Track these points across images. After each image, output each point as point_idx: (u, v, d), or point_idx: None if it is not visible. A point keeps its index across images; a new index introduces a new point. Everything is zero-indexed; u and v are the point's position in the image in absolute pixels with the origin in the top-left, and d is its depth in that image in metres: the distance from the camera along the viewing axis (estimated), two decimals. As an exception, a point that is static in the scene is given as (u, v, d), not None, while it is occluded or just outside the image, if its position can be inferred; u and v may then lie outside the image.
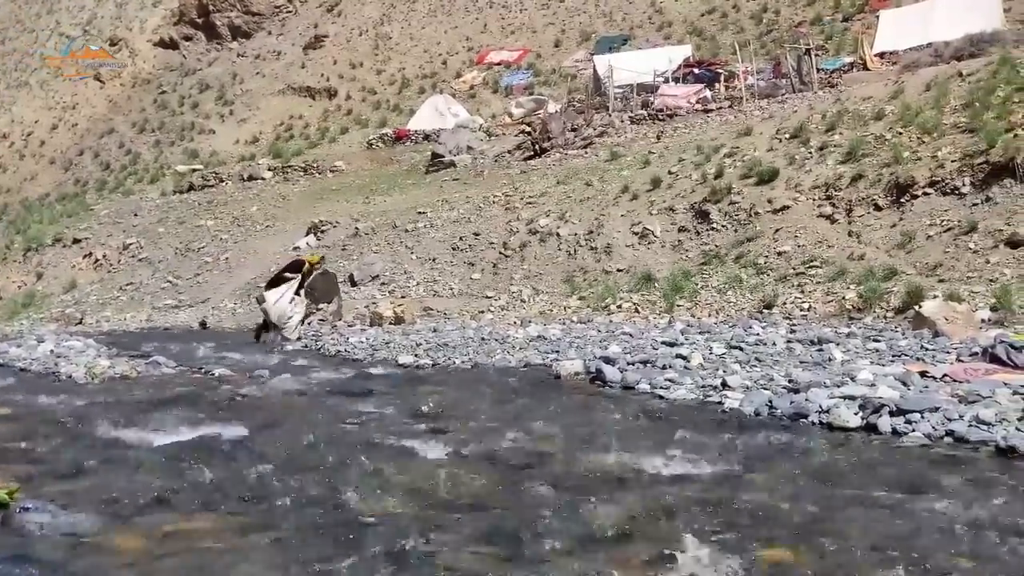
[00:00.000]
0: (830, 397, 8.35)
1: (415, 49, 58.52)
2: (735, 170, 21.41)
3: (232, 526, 5.52)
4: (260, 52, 64.93)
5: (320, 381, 11.74)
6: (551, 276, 20.94)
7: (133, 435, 7.92)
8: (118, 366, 12.88)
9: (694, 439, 7.47)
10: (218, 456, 7.15)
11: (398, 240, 25.26)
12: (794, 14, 44.80)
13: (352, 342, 16.39)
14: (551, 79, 47.70)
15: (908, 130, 19.67)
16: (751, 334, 13.19)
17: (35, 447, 7.46)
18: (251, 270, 27.44)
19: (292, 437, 7.91)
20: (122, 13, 76.49)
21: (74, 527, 5.40)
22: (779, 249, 18.13)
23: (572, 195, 24.01)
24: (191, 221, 34.20)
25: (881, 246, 17.15)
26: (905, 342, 11.89)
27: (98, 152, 58.70)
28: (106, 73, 67.85)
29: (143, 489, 6.07)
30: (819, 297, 15.92)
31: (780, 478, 6.28)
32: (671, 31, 48.29)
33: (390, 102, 51.51)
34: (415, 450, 7.45)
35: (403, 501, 5.93)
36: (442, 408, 9.17)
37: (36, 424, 8.42)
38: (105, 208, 40.53)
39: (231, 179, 39.88)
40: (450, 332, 16.57)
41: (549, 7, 58.38)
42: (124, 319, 25.37)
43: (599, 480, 6.37)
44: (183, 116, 58.71)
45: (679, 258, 19.82)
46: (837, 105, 23.43)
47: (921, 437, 7.20)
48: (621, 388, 10.27)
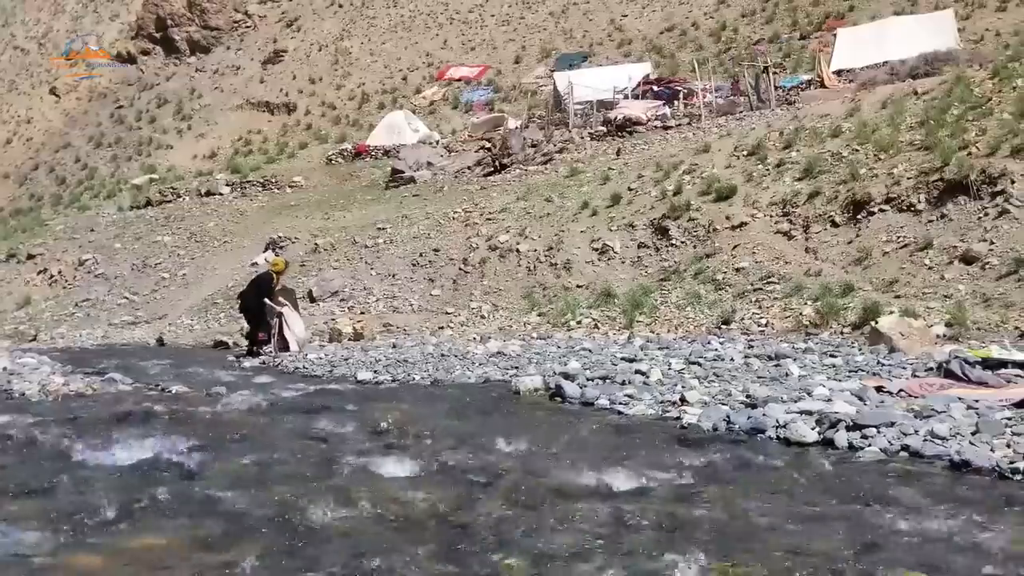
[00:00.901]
0: (787, 412, 8.38)
1: (375, 64, 58.53)
2: (694, 187, 21.54)
3: (189, 544, 5.46)
4: (219, 67, 64.68)
5: (278, 398, 11.63)
6: (511, 292, 20.95)
7: (88, 452, 7.81)
8: (73, 383, 12.69)
9: (652, 454, 7.49)
10: (175, 473, 7.09)
11: (358, 256, 25.19)
12: (752, 32, 45.29)
13: (311, 358, 16.29)
14: (511, 95, 47.87)
15: (864, 147, 19.90)
16: (709, 350, 13.25)
17: (-12, 465, 7.35)
18: (209, 286, 27.25)
19: (249, 454, 7.84)
20: (78, 27, 75.99)
21: (28, 546, 5.32)
22: (737, 265, 18.25)
23: (532, 211, 24.05)
24: (148, 237, 33.88)
25: (838, 262, 17.31)
26: (861, 357, 11.98)
27: (54, 167, 58.17)
28: (62, 85, 67.23)
29: (99, 507, 6.00)
30: (776, 313, 16.03)
31: (737, 493, 6.30)
32: (630, 48, 48.62)
33: (349, 117, 51.45)
34: (373, 467, 7.41)
35: (361, 518, 5.90)
36: (401, 424, 9.11)
37: (-11, 442, 8.29)
38: (61, 223, 40.09)
39: (189, 194, 39.56)
40: (410, 348, 16.52)
41: (510, 24, 58.64)
42: (80, 336, 25.09)
43: (558, 496, 6.36)
44: (140, 131, 58.33)
45: (638, 274, 19.89)
46: (794, 122, 23.66)
47: (877, 452, 7.24)
48: (580, 404, 10.26)
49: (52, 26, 77.47)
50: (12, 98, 69.23)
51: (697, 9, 51.11)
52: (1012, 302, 13.92)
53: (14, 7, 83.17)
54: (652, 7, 53.88)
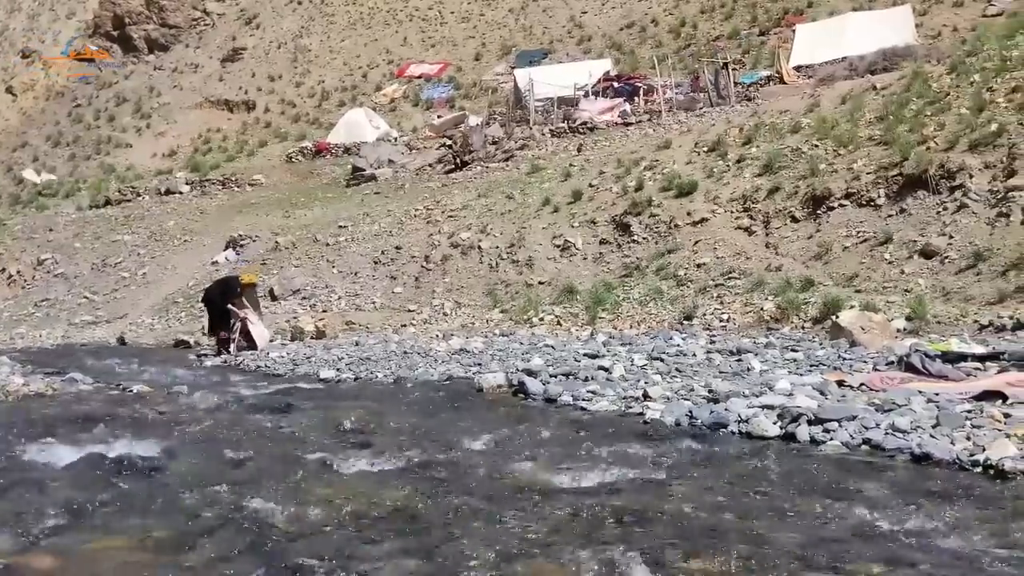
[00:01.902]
0: (749, 407, 8.42)
1: (335, 62, 58.31)
2: (655, 183, 21.60)
3: (149, 544, 5.43)
4: (177, 65, 64.23)
5: (240, 396, 11.59)
6: (473, 289, 20.93)
7: (48, 453, 7.75)
8: (33, 383, 12.58)
9: (616, 450, 7.51)
10: (135, 473, 7.04)
11: (319, 254, 25.09)
12: (712, 28, 45.46)
13: (273, 357, 16.23)
14: (472, 92, 47.85)
15: (824, 143, 20.01)
16: (672, 345, 13.30)
17: (-55, 468, 7.27)
18: (169, 285, 27.07)
19: (211, 453, 7.81)
20: (35, 25, 75.20)
21: (-13, 547, 5.28)
22: (698, 261, 18.31)
23: (493, 208, 24.04)
24: (108, 236, 33.61)
25: (798, 257, 17.41)
26: (822, 352, 12.05)
27: (11, 166, 57.52)
28: (19, 84, 66.54)
29: (57, 508, 5.96)
30: (738, 308, 16.10)
31: (700, 487, 6.33)
32: (591, 45, 48.70)
33: (309, 115, 51.25)
34: (336, 465, 7.39)
35: (324, 516, 5.88)
36: (364, 422, 9.09)
37: (-55, 444, 8.21)
38: (19, 223, 39.70)
39: (148, 193, 39.31)
40: (372, 346, 16.48)
41: (469, 21, 58.59)
42: (39, 336, 24.84)
43: (521, 492, 6.36)
44: (99, 130, 57.80)
45: (601, 270, 19.92)
46: (754, 118, 23.78)
47: (839, 445, 7.29)
48: (544, 400, 10.26)
49: (8, 24, 76.59)
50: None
51: (656, 6, 51.23)
52: (971, 296, 14.05)
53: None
54: (611, 4, 53.98)
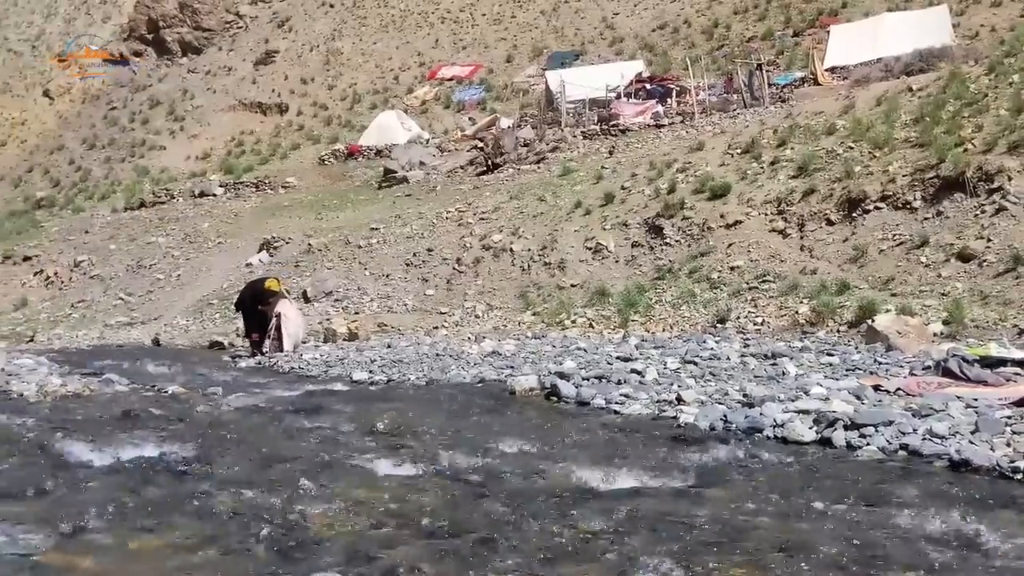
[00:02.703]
0: (784, 411, 8.37)
1: (366, 64, 58.47)
2: (687, 185, 21.52)
3: (186, 544, 5.45)
4: (211, 68, 64.61)
5: (274, 398, 11.62)
6: (505, 291, 20.92)
7: (86, 453, 7.79)
8: (70, 384, 12.66)
9: (650, 454, 7.47)
10: (171, 474, 7.07)
11: (351, 256, 25.15)
12: (745, 29, 45.26)
13: (306, 359, 16.27)
14: (503, 94, 47.85)
15: (859, 145, 19.87)
16: (705, 349, 13.21)
17: (-15, 467, 7.33)
18: (203, 287, 27.21)
19: (245, 454, 7.82)
20: (71, 29, 75.89)
21: (27, 546, 5.30)
22: (732, 264, 18.22)
23: (525, 210, 24.02)
24: (142, 238, 33.86)
25: (833, 260, 17.29)
26: (858, 356, 11.95)
27: (48, 169, 58.07)
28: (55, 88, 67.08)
29: (96, 507, 5.98)
30: (772, 311, 16.00)
31: (736, 493, 6.28)
32: (623, 47, 48.58)
33: (342, 118, 51.40)
34: (369, 467, 7.39)
35: (357, 518, 5.87)
36: (397, 425, 9.09)
37: (-14, 443, 8.27)
38: (56, 225, 40.08)
39: (182, 195, 39.58)
40: (404, 348, 16.48)
41: (501, 23, 58.61)
42: (76, 336, 25.03)
43: (555, 496, 6.33)
44: (133, 132, 58.22)
45: (633, 273, 19.87)
46: (788, 120, 23.65)
47: (875, 451, 7.22)
48: (576, 404, 10.23)
49: (45, 28, 77.30)
50: (6, 100, 69.08)
51: (689, 7, 51.07)
52: (1010, 299, 13.90)
53: (6, 9, 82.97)
54: (644, 5, 53.85)
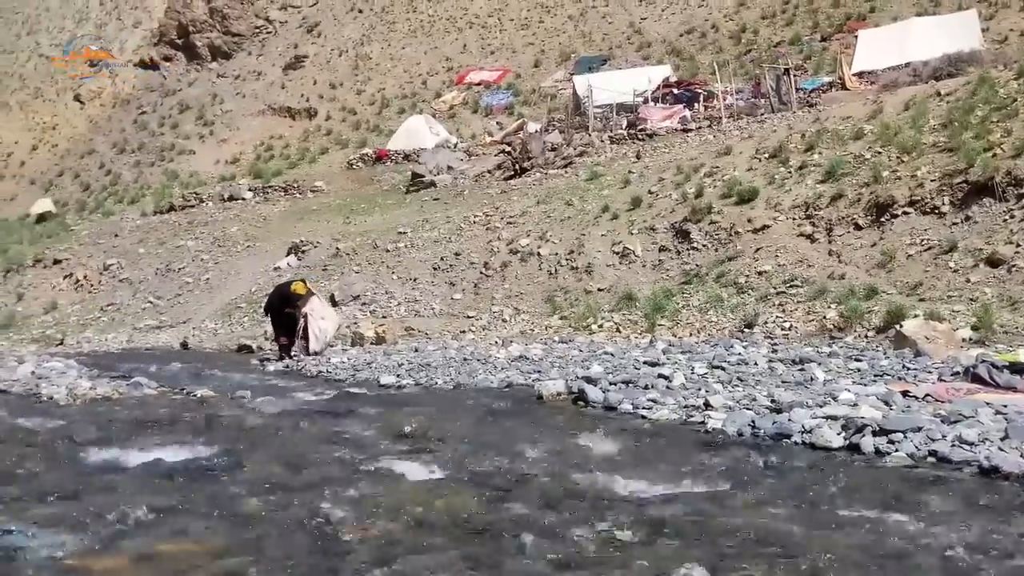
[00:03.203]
0: (812, 417, 8.34)
1: (395, 69, 58.67)
2: (715, 189, 21.48)
3: (214, 548, 5.48)
4: (240, 73, 64.98)
5: (302, 402, 11.68)
6: (532, 296, 20.92)
7: (115, 457, 7.85)
8: (100, 387, 12.75)
9: (677, 459, 7.47)
10: (200, 477, 7.11)
11: (379, 260, 25.22)
12: (773, 34, 45.17)
13: (334, 362, 16.32)
14: (531, 99, 47.91)
15: (887, 149, 19.78)
16: (733, 354, 13.17)
17: (17, 469, 7.39)
18: (232, 290, 27.35)
19: (274, 458, 7.86)
20: (102, 34, 76.46)
21: (57, 549, 5.35)
22: (759, 268, 18.17)
23: (552, 215, 24.03)
24: (171, 242, 34.09)
25: (861, 265, 17.21)
26: (886, 361, 11.89)
27: (78, 173, 58.54)
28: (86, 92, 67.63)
29: (126, 511, 6.02)
30: (800, 316, 15.94)
31: (764, 498, 6.28)
32: (650, 51, 48.58)
33: (370, 122, 51.60)
34: (397, 471, 7.41)
35: (385, 522, 5.89)
36: (424, 429, 9.11)
37: (18, 446, 8.33)
38: (85, 229, 40.38)
39: (211, 199, 39.82)
40: (432, 352, 16.51)
41: (529, 28, 58.69)
42: (105, 340, 25.20)
43: (583, 502, 6.34)
44: (163, 137, 58.66)
45: (660, 277, 19.84)
46: (816, 124, 23.56)
47: (904, 457, 7.19)
48: (603, 408, 10.22)
49: (76, 33, 77.90)
50: (38, 105, 69.68)
51: (717, 12, 51.03)
52: (1039, 305, 13.82)
53: (39, 15, 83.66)
54: (671, 10, 53.83)
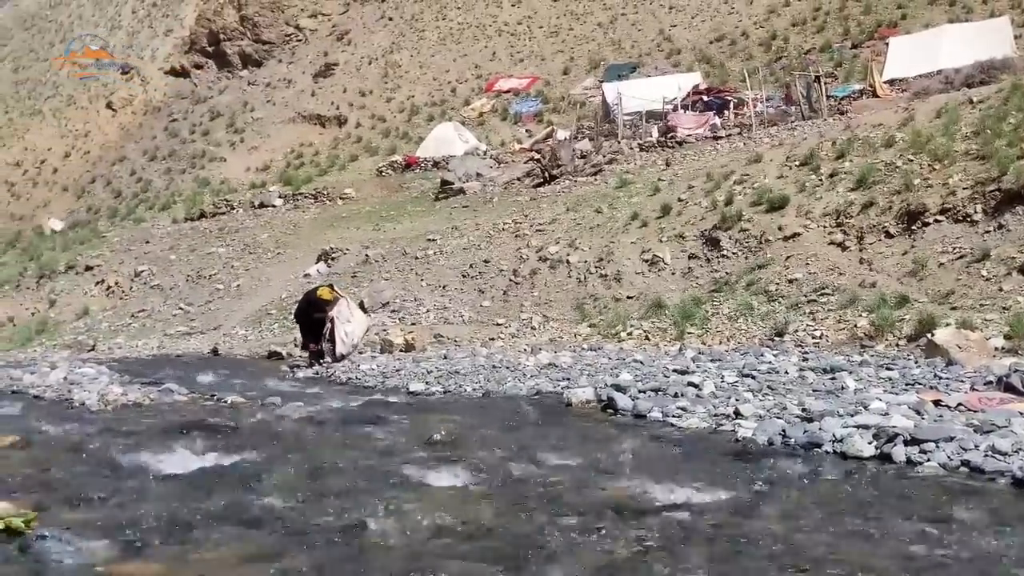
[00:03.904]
0: (844, 426, 8.30)
1: (424, 77, 58.77)
2: (745, 197, 21.39)
3: (244, 554, 5.53)
4: (271, 80, 65.26)
5: (331, 409, 11.72)
6: (561, 303, 20.91)
7: (146, 462, 7.91)
8: (131, 393, 12.85)
9: (707, 468, 7.45)
10: (231, 484, 7.15)
11: (408, 267, 25.28)
12: (803, 41, 44.95)
13: (363, 369, 16.36)
14: (560, 106, 47.86)
15: (919, 157, 19.63)
16: (763, 362, 13.12)
17: (50, 475, 7.46)
18: (262, 297, 27.46)
19: (304, 465, 7.90)
20: (134, 42, 77.00)
21: (90, 555, 5.40)
22: (790, 276, 18.08)
23: (582, 222, 24.01)
24: (202, 248, 34.26)
25: (892, 273, 17.10)
26: (918, 370, 11.82)
27: (110, 180, 58.94)
28: (118, 100, 68.23)
29: (157, 517, 6.08)
30: (831, 325, 15.86)
31: (795, 508, 6.25)
32: (680, 59, 48.43)
33: (399, 129, 51.68)
34: (426, 479, 7.44)
35: (414, 530, 5.91)
36: (453, 436, 9.14)
37: (51, 452, 8.42)
38: (117, 235, 40.67)
39: (242, 206, 40.01)
40: (461, 359, 16.52)
41: (558, 35, 58.67)
42: (136, 346, 25.36)
43: (612, 509, 6.34)
44: (194, 144, 58.94)
45: (689, 285, 19.77)
46: (847, 132, 23.42)
47: (936, 467, 7.14)
48: (633, 416, 10.22)
49: (109, 41, 78.47)
50: (71, 112, 70.20)
51: (747, 19, 50.84)
52: (1073, 314, 13.69)
53: (72, 23, 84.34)
54: (701, 17, 53.67)
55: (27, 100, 74.64)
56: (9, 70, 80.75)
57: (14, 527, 5.54)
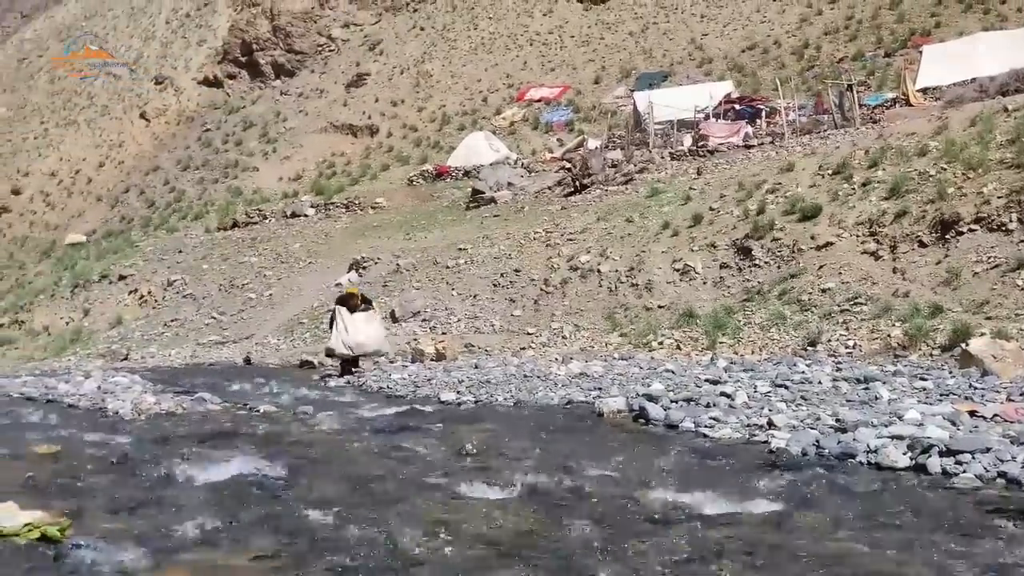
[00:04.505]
0: (878, 437, 8.24)
1: (456, 86, 58.94)
2: (777, 206, 21.31)
3: (277, 563, 5.54)
4: (303, 90, 65.65)
5: (363, 418, 11.75)
6: (592, 312, 20.88)
7: (180, 471, 7.94)
8: (164, 402, 12.94)
9: (740, 479, 7.41)
10: (263, 493, 7.18)
11: (439, 276, 25.32)
12: (836, 50, 44.82)
13: (394, 378, 16.38)
14: (591, 115, 47.89)
15: (952, 166, 19.49)
16: (796, 372, 13.05)
17: (84, 483, 7.51)
18: (294, 306, 27.58)
19: (335, 474, 7.93)
20: (168, 52, 77.61)
21: (124, 563, 5.42)
22: (823, 286, 17.98)
23: (613, 231, 23.98)
24: (235, 258, 34.48)
25: (926, 283, 16.97)
26: (953, 381, 11.72)
27: (143, 189, 59.44)
28: (152, 110, 68.81)
29: (190, 525, 6.10)
30: (864, 334, 15.76)
31: (829, 519, 6.21)
32: (711, 67, 48.38)
33: (430, 139, 51.87)
34: (458, 488, 7.43)
35: (447, 540, 5.91)
36: (485, 446, 9.14)
37: (85, 460, 8.48)
38: (150, 245, 40.99)
39: (274, 216, 40.25)
40: (492, 369, 16.51)
41: (589, 44, 58.69)
42: (169, 355, 25.53)
43: (644, 520, 6.32)
44: (227, 154, 59.38)
45: (721, 295, 19.71)
46: (880, 141, 23.29)
47: (972, 479, 7.08)
48: (665, 426, 10.18)
49: (143, 52, 79.16)
50: (105, 123, 70.89)
51: (779, 27, 50.76)
52: (1110, 324, 13.55)
53: (107, 34, 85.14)
54: (733, 25, 53.61)
55: (62, 111, 75.45)
56: (45, 81, 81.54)
57: (49, 535, 5.58)
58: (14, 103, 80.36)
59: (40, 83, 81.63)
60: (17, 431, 10.69)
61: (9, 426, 11.29)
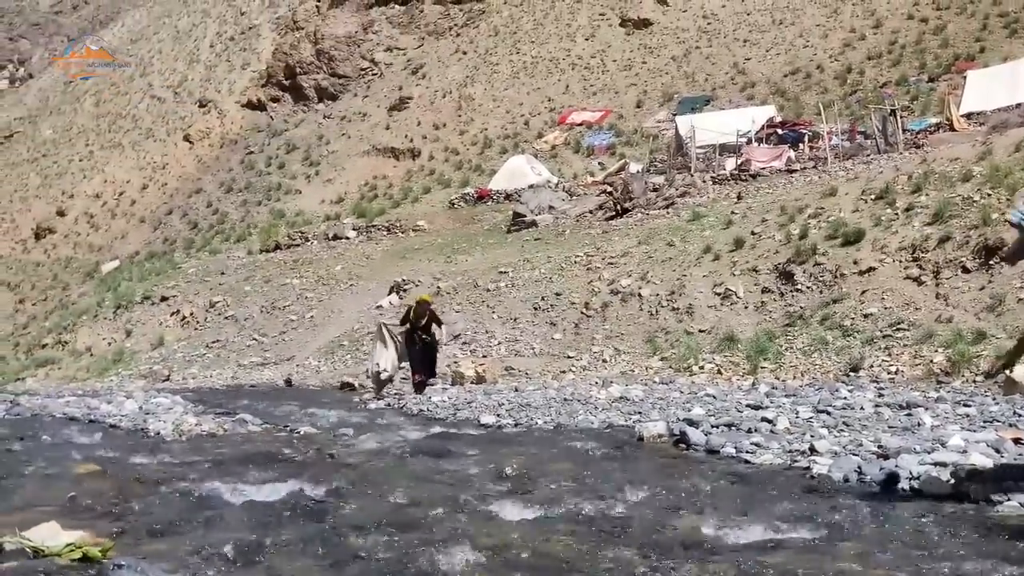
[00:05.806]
0: (921, 463, 8.16)
1: (497, 110, 59.16)
2: (820, 231, 21.22)
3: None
4: (346, 114, 66.13)
5: (403, 440, 11.77)
6: (633, 336, 20.86)
7: (221, 492, 8.00)
8: (205, 423, 13.03)
9: (781, 505, 7.36)
10: (304, 515, 7.21)
11: (479, 299, 25.37)
12: (879, 75, 44.64)
13: (434, 401, 16.43)
14: (633, 139, 47.92)
15: (996, 192, 19.35)
16: (838, 398, 12.97)
17: (126, 504, 7.57)
18: (335, 328, 27.72)
19: (376, 496, 7.95)
20: (212, 75, 78.54)
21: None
22: (865, 311, 17.87)
23: (654, 255, 23.96)
24: (277, 280, 34.71)
25: (969, 309, 16.83)
26: (996, 407, 11.59)
27: (186, 211, 60.06)
28: (195, 132, 69.55)
29: (231, 547, 6.13)
30: (907, 360, 15.64)
31: (870, 547, 6.15)
32: (754, 92, 48.31)
33: (472, 162, 52.07)
34: (498, 512, 7.44)
35: (486, 563, 5.91)
36: (525, 469, 9.12)
37: (126, 481, 8.54)
38: (192, 266, 41.35)
39: (316, 238, 40.52)
40: (532, 392, 16.53)
41: (631, 68, 58.76)
42: (210, 376, 25.72)
43: (684, 545, 6.29)
44: (270, 176, 59.88)
45: (762, 319, 19.63)
46: (923, 166, 23.17)
47: (1017, 507, 6.99)
48: (705, 451, 10.14)
49: (187, 75, 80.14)
50: (148, 145, 71.77)
51: (822, 52, 50.61)
52: None
53: (151, 57, 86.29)
54: (775, 50, 53.51)
55: (107, 133, 76.52)
56: (91, 104, 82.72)
57: (91, 556, 5.62)
58: (60, 126, 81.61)
59: (86, 106, 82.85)
60: (60, 451, 10.80)
61: (52, 446, 11.42)
